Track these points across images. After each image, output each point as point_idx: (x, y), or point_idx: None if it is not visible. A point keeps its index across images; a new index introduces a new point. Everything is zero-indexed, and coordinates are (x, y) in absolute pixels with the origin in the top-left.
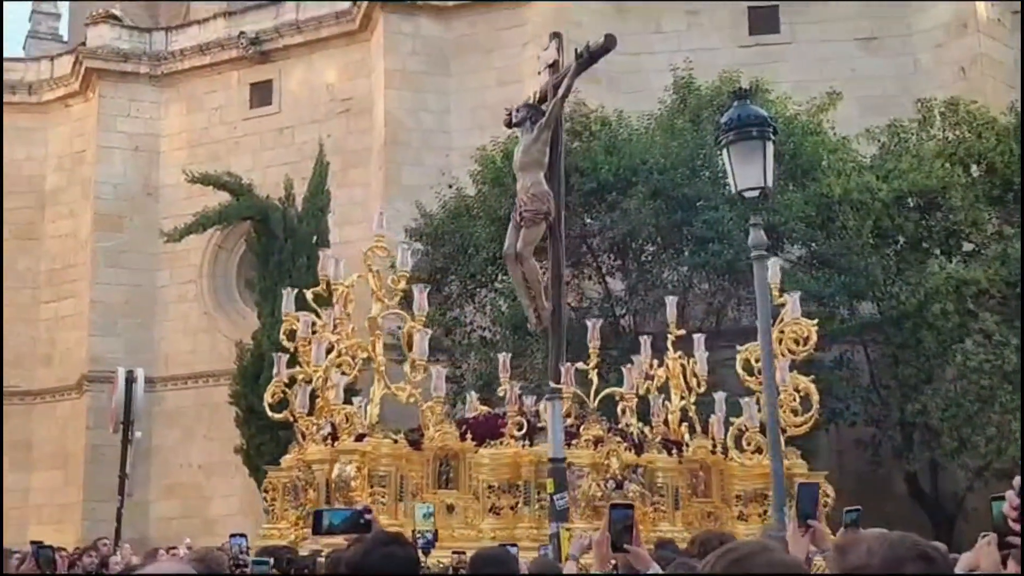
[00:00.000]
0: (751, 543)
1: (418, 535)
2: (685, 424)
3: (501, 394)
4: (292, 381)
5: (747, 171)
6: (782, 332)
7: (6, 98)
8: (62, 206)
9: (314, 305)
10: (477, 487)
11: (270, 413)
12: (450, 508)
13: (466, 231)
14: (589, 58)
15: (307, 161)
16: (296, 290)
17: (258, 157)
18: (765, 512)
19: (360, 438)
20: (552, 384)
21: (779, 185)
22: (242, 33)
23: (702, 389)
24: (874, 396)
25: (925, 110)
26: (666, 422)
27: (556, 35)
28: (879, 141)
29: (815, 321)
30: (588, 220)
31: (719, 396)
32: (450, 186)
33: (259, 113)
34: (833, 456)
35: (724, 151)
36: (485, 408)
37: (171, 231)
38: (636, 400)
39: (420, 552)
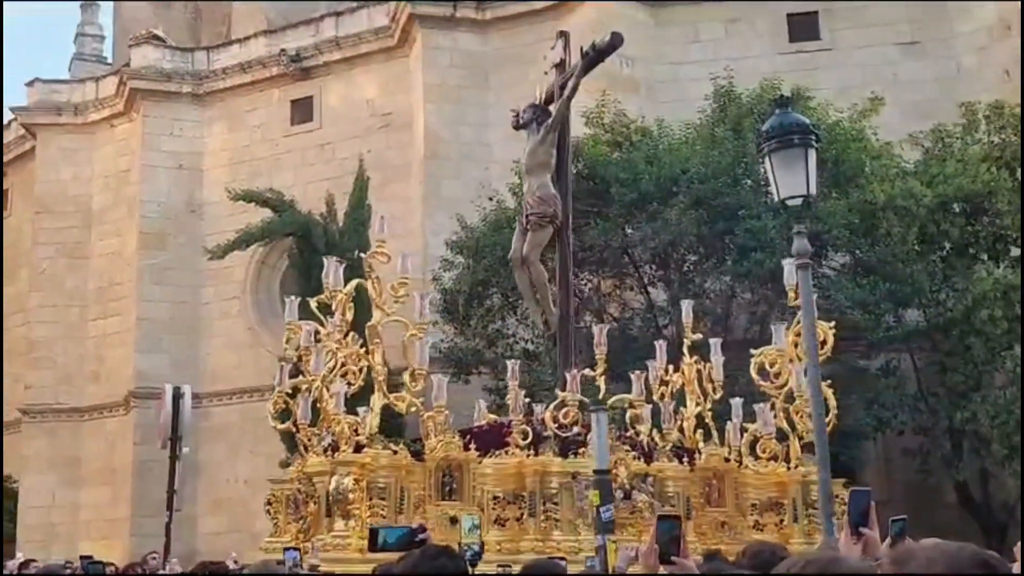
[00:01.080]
0: (824, 554)
1: (464, 547)
2: (700, 431)
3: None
4: (296, 391)
5: (790, 179)
6: (798, 335)
7: (54, 120)
8: (108, 225)
9: (318, 314)
10: (481, 498)
11: (272, 423)
12: (453, 520)
13: (507, 243)
14: (595, 56)
15: (348, 176)
16: (299, 298)
17: (299, 173)
18: (781, 521)
19: (360, 449)
20: (559, 391)
21: (822, 192)
22: (282, 51)
23: (718, 395)
24: (922, 404)
25: (969, 114)
26: (681, 429)
27: (563, 34)
28: (923, 146)
29: (831, 324)
30: (629, 231)
31: (735, 402)
32: (490, 199)
33: (300, 129)
34: (881, 465)
35: (766, 159)
36: (492, 417)
37: (215, 248)
38: (645, 407)
39: (467, 564)
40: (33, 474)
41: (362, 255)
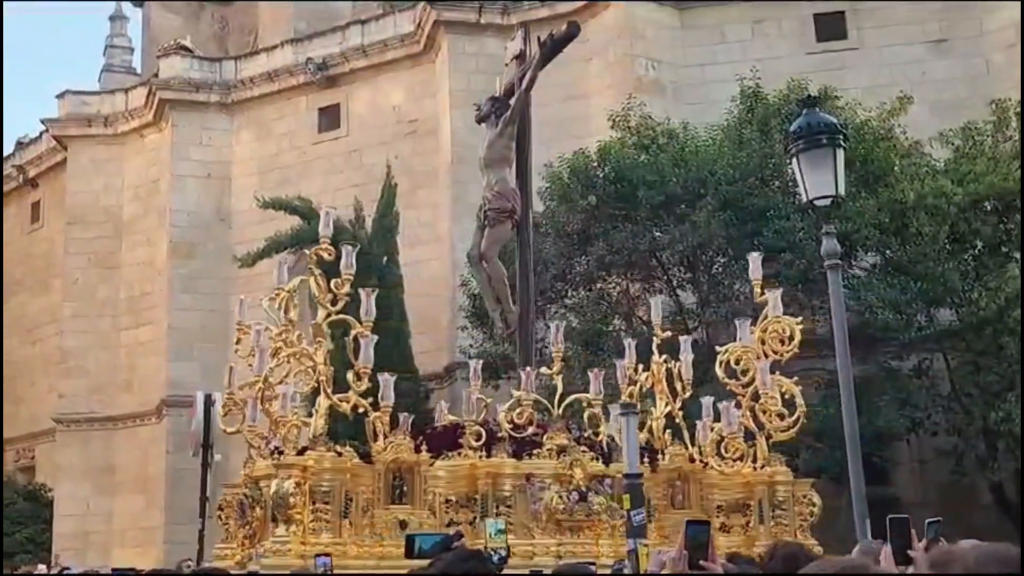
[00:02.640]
0: (856, 562)
1: (491, 551)
2: (669, 431)
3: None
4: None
5: (818, 179)
6: (764, 332)
7: (84, 131)
8: (139, 235)
9: (269, 313)
10: (433, 502)
11: (221, 427)
12: (403, 524)
13: (534, 248)
14: (553, 48)
15: (375, 183)
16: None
17: (327, 180)
18: (748, 523)
19: (303, 451)
20: (513, 391)
21: (851, 192)
22: (309, 59)
23: (687, 394)
24: (955, 404)
25: (1000, 111)
26: (650, 429)
27: (522, 25)
28: (952, 144)
29: (798, 319)
30: (657, 233)
31: (706, 401)
32: None
33: (327, 137)
34: (915, 466)
35: (794, 160)
36: (452, 418)
37: (244, 256)
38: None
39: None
40: (67, 483)
41: (388, 261)
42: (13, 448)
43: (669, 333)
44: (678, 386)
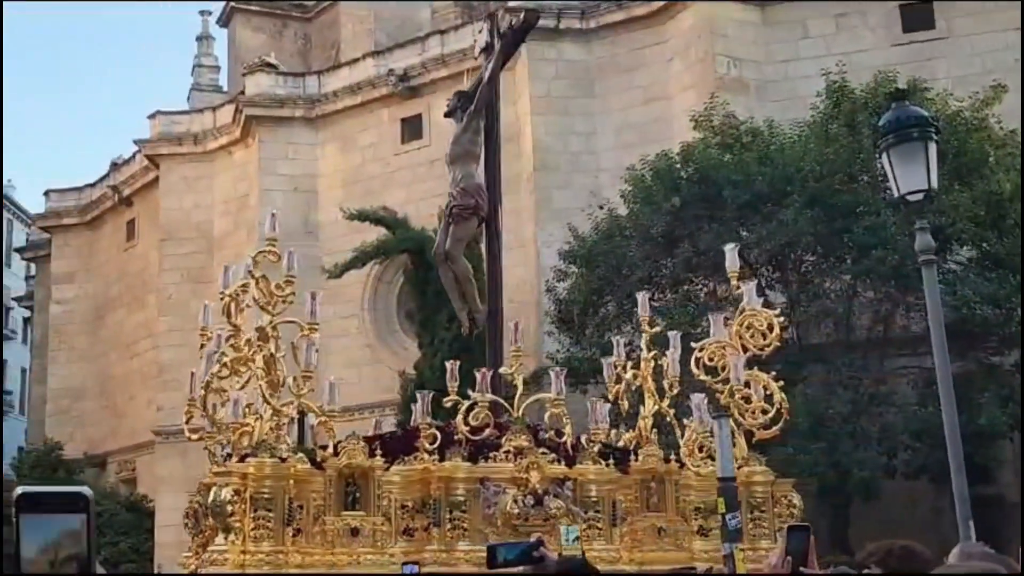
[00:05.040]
0: (988, 567)
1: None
2: (655, 431)
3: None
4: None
5: (909, 174)
6: (741, 325)
7: (175, 150)
8: (228, 249)
9: (223, 317)
10: (388, 508)
11: (187, 435)
12: (354, 532)
13: (619, 251)
14: (513, 38)
15: None
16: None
17: (411, 190)
18: None
19: (244, 458)
20: (477, 394)
21: (944, 185)
22: (390, 71)
23: (675, 391)
24: None
25: None
26: (638, 428)
27: (490, 16)
28: None
29: (777, 311)
30: (744, 233)
31: (696, 399)
32: (601, 207)
33: (410, 147)
34: (1018, 465)
35: (884, 155)
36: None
37: (331, 267)
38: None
39: None
40: (167, 493)
41: (473, 269)
42: (115, 460)
43: (658, 328)
44: (665, 383)
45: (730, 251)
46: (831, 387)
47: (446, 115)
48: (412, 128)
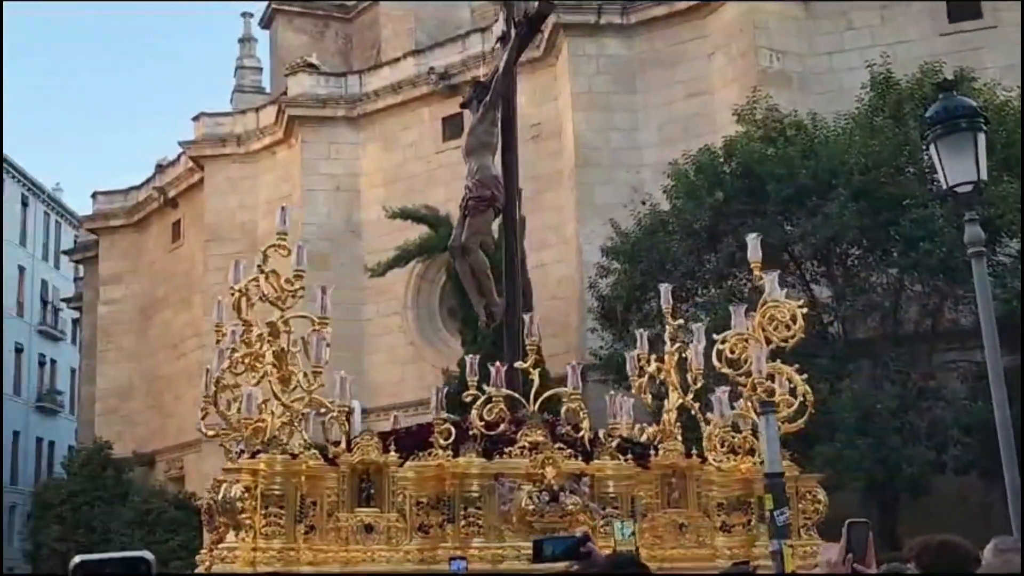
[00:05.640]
0: None
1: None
2: (678, 425)
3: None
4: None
5: (958, 165)
6: (764, 317)
7: (219, 151)
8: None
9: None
10: (403, 504)
11: (203, 431)
12: (368, 528)
13: (662, 247)
14: (528, 27)
15: None
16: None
17: (453, 188)
18: (749, 522)
19: (255, 455)
20: (492, 388)
21: (992, 176)
22: (431, 69)
23: (698, 384)
24: None
25: None
26: (662, 423)
27: (506, 6)
28: None
29: (800, 302)
30: (788, 227)
31: (719, 392)
32: (643, 203)
33: (451, 145)
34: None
35: (931, 146)
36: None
37: (374, 266)
38: (626, 399)
39: None
40: None
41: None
42: (163, 459)
43: (681, 321)
44: (689, 377)
45: (752, 241)
46: (878, 382)
47: (462, 106)
48: (453, 126)
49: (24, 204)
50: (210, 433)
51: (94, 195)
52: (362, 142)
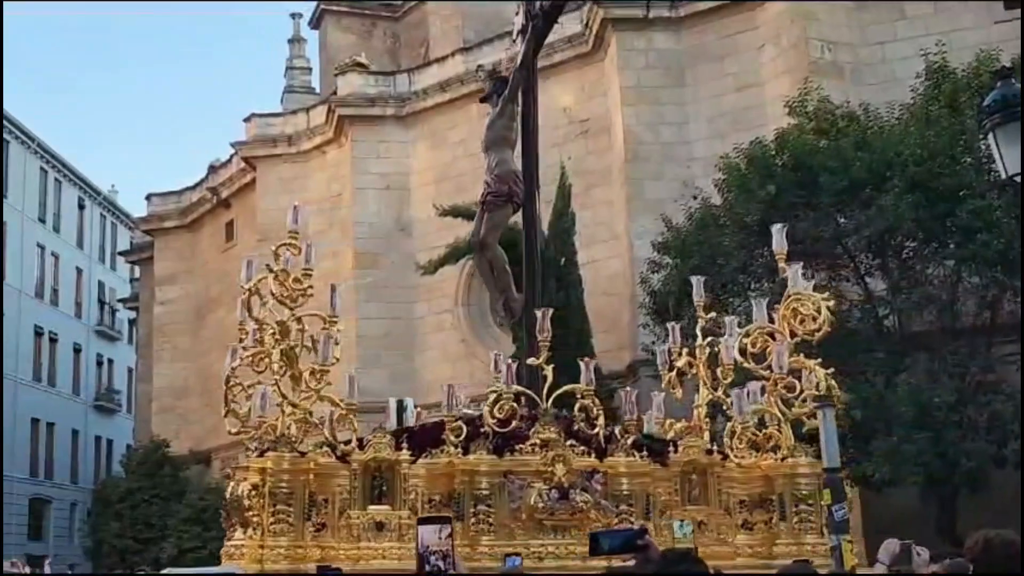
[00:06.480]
0: None
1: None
2: (708, 420)
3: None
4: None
5: (1017, 154)
6: (787, 310)
7: (270, 151)
8: (324, 248)
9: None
10: (415, 501)
11: (228, 430)
12: (379, 526)
13: (714, 241)
14: (545, 19)
15: (550, 185)
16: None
17: None
18: (770, 520)
19: (264, 452)
20: (503, 384)
21: None
22: (479, 67)
23: (728, 380)
24: None
25: None
26: (694, 417)
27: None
28: None
29: (826, 294)
30: (842, 220)
31: (753, 386)
32: (694, 197)
33: None
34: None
35: (989, 135)
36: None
37: (426, 264)
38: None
39: None
40: None
41: (567, 262)
42: (219, 457)
43: (714, 314)
44: (719, 372)
45: (777, 231)
46: (936, 376)
47: (482, 100)
48: None
49: (81, 207)
50: (233, 431)
51: (148, 197)
52: (411, 140)
